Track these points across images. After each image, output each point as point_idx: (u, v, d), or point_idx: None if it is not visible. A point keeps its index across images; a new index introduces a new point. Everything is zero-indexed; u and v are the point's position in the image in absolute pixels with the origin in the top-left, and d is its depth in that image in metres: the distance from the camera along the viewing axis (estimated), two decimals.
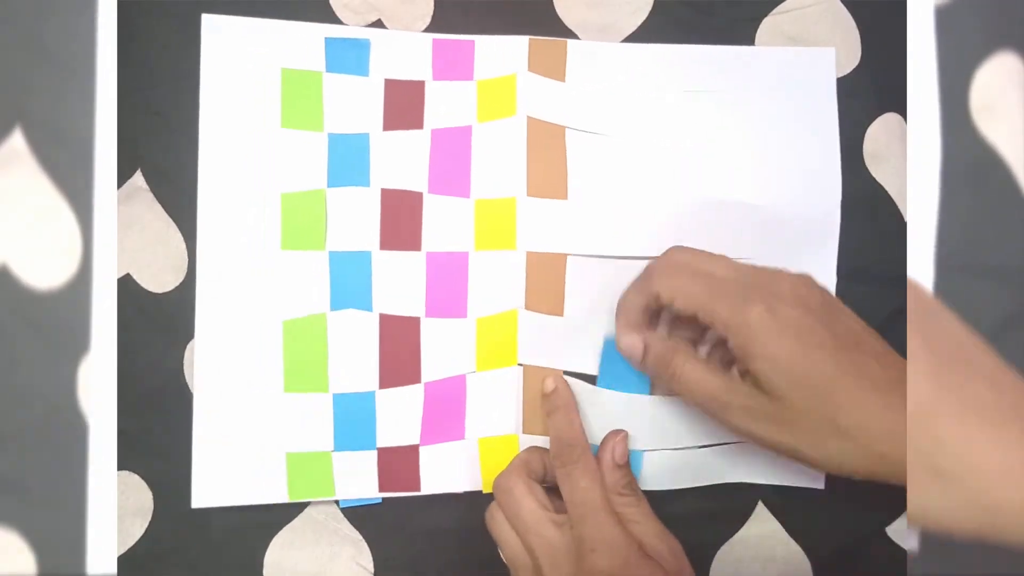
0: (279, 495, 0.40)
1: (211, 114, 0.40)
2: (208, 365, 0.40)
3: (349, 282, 0.41)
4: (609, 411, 0.41)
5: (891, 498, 0.40)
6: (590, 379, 0.41)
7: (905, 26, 0.37)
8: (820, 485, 0.42)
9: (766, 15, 0.43)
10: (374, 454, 0.40)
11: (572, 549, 0.34)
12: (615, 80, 0.42)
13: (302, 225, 0.41)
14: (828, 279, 0.42)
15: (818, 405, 0.32)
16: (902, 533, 0.42)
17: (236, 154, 0.40)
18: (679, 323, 0.39)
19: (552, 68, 0.42)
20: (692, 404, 0.37)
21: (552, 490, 0.38)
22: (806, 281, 0.35)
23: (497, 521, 0.38)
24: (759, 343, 0.33)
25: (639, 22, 0.43)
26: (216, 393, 0.40)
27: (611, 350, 0.40)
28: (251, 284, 0.40)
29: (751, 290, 0.34)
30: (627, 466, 0.38)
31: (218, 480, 0.40)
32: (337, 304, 0.41)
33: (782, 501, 0.42)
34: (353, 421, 0.40)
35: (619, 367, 0.40)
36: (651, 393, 0.41)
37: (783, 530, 0.42)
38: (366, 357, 0.41)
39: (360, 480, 0.40)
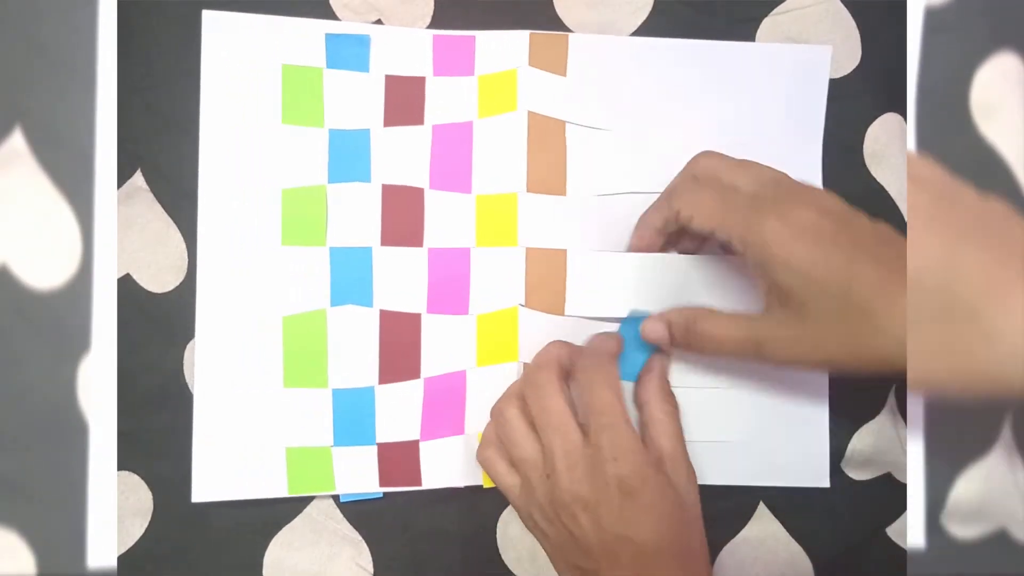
0: (279, 489, 0.40)
1: (212, 110, 0.40)
2: (208, 361, 0.40)
3: (350, 278, 0.41)
4: None
5: (891, 498, 0.40)
6: None
7: (905, 26, 0.37)
8: (825, 483, 0.42)
9: (766, 15, 0.43)
10: (374, 449, 0.40)
11: (591, 455, 0.34)
12: (615, 74, 0.42)
13: (303, 221, 0.41)
14: None
15: (838, 309, 0.31)
16: (902, 533, 0.42)
17: (237, 150, 0.40)
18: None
19: (553, 62, 0.42)
20: (729, 357, 0.37)
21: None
22: (827, 192, 0.35)
23: (508, 415, 0.37)
24: (773, 251, 0.33)
25: (639, 22, 0.43)
26: (216, 388, 0.40)
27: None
28: (251, 280, 0.40)
29: (767, 203, 0.34)
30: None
31: (218, 474, 0.40)
32: (337, 300, 0.41)
33: (783, 502, 0.42)
34: (352, 416, 0.40)
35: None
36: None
37: (784, 531, 0.42)
38: (366, 352, 0.41)
39: (360, 475, 0.40)
